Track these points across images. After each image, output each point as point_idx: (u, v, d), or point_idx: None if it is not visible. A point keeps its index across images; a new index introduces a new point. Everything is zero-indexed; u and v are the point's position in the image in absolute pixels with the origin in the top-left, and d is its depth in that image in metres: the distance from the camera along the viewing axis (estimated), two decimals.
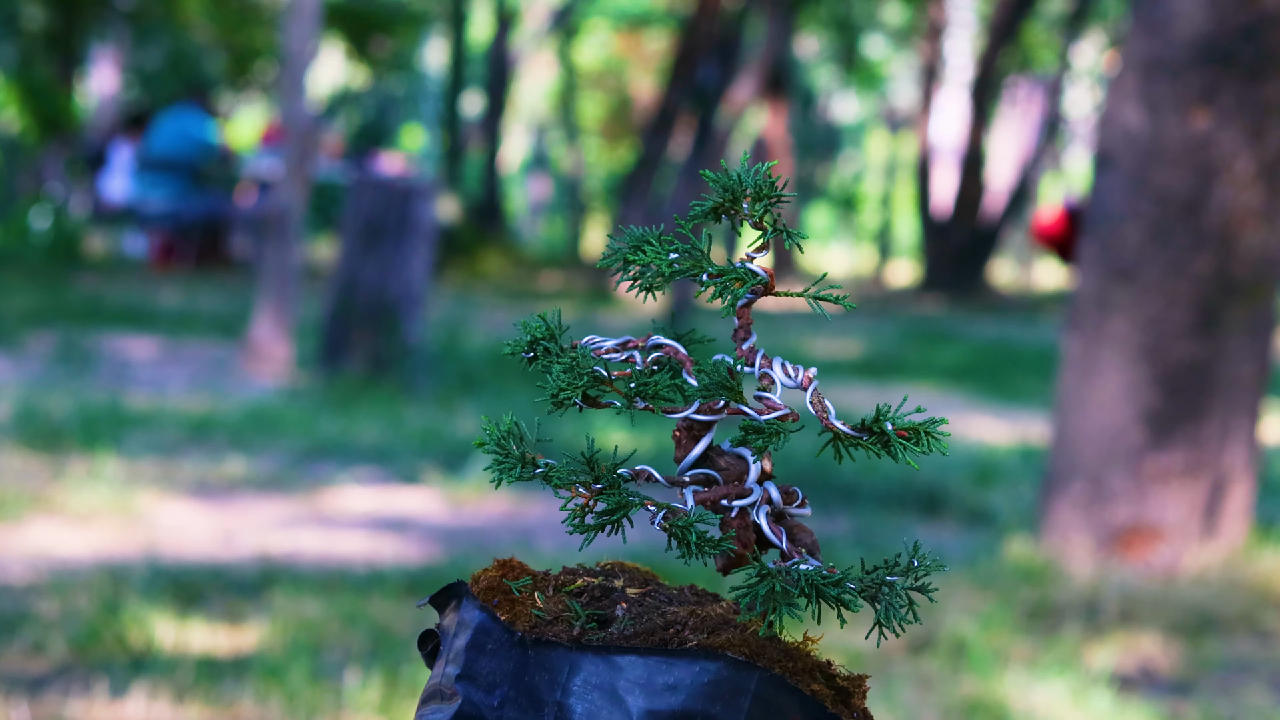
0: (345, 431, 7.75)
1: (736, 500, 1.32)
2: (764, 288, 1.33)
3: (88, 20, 21.24)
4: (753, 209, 1.32)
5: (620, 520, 1.31)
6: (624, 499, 1.31)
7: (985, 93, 22.53)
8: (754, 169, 1.33)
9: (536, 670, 1.25)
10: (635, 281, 1.35)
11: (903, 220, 33.65)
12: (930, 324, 16.73)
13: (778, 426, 1.31)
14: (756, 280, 1.32)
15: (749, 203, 1.32)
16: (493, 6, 25.24)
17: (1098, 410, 5.59)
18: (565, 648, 1.25)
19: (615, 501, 1.31)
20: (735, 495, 1.32)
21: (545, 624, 1.28)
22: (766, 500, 1.33)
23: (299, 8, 10.10)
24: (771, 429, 1.30)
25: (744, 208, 1.32)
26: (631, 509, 1.31)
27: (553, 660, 1.25)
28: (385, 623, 4.57)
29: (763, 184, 1.32)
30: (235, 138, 23.07)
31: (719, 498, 1.32)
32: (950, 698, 4.20)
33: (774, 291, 1.33)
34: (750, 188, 1.32)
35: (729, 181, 1.32)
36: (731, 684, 1.23)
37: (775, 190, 1.32)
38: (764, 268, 1.33)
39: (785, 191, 1.32)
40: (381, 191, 9.36)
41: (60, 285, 14.11)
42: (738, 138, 21.53)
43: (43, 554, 5.25)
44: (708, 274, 1.33)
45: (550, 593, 1.32)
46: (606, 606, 1.31)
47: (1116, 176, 5.61)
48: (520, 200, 34.56)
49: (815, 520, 1.38)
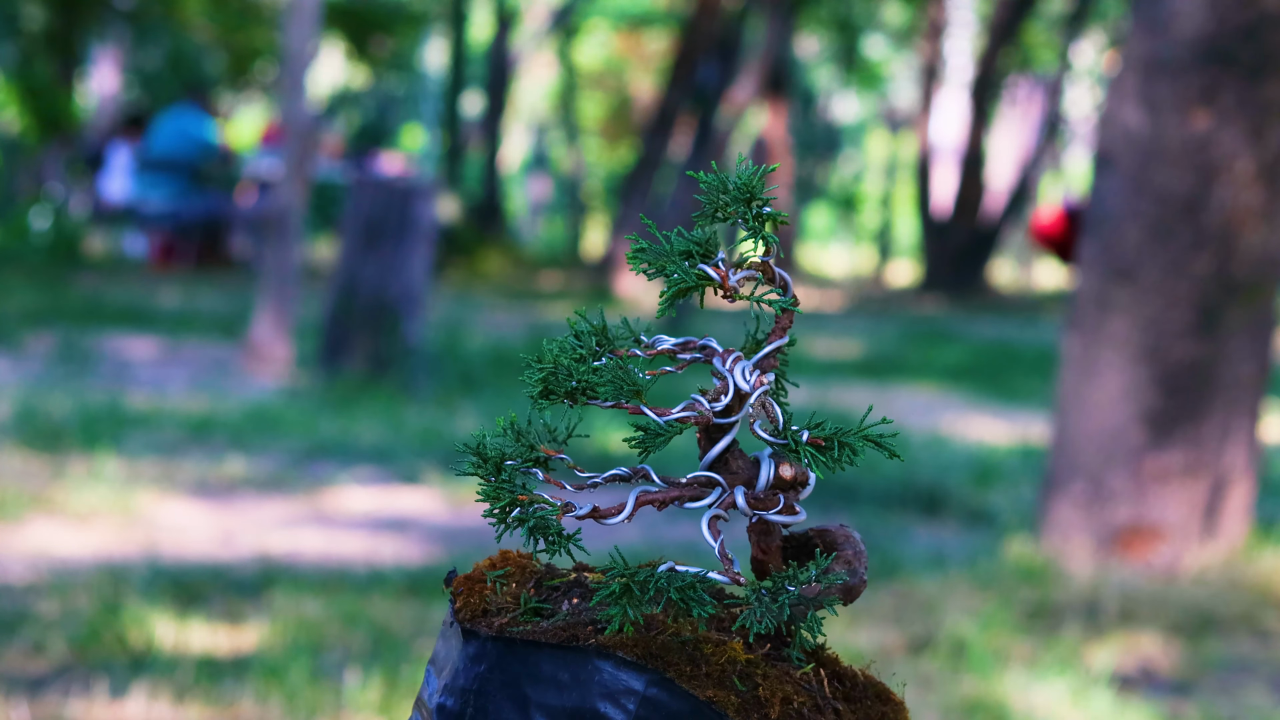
0: (345, 431, 7.75)
1: (690, 503, 1.32)
2: (719, 289, 1.34)
3: (88, 20, 21.24)
4: (739, 209, 1.33)
5: (517, 516, 1.31)
6: (507, 494, 1.31)
7: (985, 93, 22.53)
8: (740, 169, 1.33)
9: (462, 658, 1.29)
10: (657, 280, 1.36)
11: (903, 220, 33.65)
12: (930, 324, 16.73)
13: (676, 429, 1.30)
14: (708, 281, 1.33)
15: (736, 204, 1.32)
16: (493, 6, 25.24)
17: (1098, 410, 5.59)
18: (481, 638, 1.28)
19: (497, 495, 1.31)
20: (690, 498, 1.32)
21: (484, 615, 1.31)
22: (730, 505, 1.32)
23: (299, 8, 10.10)
24: (670, 431, 1.30)
25: (734, 209, 1.33)
26: (517, 505, 1.31)
27: (472, 650, 1.29)
28: (385, 623, 4.57)
29: (750, 185, 1.32)
30: (235, 138, 23.07)
31: (669, 499, 1.32)
32: (950, 698, 4.20)
33: (730, 293, 1.34)
34: (736, 188, 1.32)
35: (717, 183, 1.33)
36: (621, 683, 1.24)
37: (763, 191, 1.32)
38: (715, 269, 1.33)
39: (771, 192, 1.32)
40: (381, 191, 9.37)
41: (60, 285, 14.11)
42: (738, 138, 21.52)
43: (43, 554, 5.25)
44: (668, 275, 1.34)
45: (515, 586, 1.34)
46: (557, 601, 1.33)
47: (1116, 176, 5.61)
48: (520, 200, 34.56)
49: (816, 520, 1.37)
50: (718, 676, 1.27)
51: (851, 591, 1.32)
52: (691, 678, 1.26)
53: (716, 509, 1.32)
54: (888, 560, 5.55)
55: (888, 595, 5.09)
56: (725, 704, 1.25)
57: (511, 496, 1.32)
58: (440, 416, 8.29)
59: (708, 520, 1.32)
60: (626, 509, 1.31)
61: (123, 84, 24.90)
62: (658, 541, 5.39)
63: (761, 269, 1.34)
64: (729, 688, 1.26)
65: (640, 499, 1.32)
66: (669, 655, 1.27)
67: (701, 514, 1.34)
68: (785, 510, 1.33)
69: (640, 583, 1.28)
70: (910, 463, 7.54)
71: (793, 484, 1.33)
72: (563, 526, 1.31)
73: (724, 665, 1.27)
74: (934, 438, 8.45)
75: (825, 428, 1.33)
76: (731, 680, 1.27)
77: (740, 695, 1.26)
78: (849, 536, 1.35)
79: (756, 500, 1.32)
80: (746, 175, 1.33)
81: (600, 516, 1.32)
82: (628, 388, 1.31)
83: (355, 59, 25.80)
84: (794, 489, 1.34)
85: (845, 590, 1.32)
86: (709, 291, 1.34)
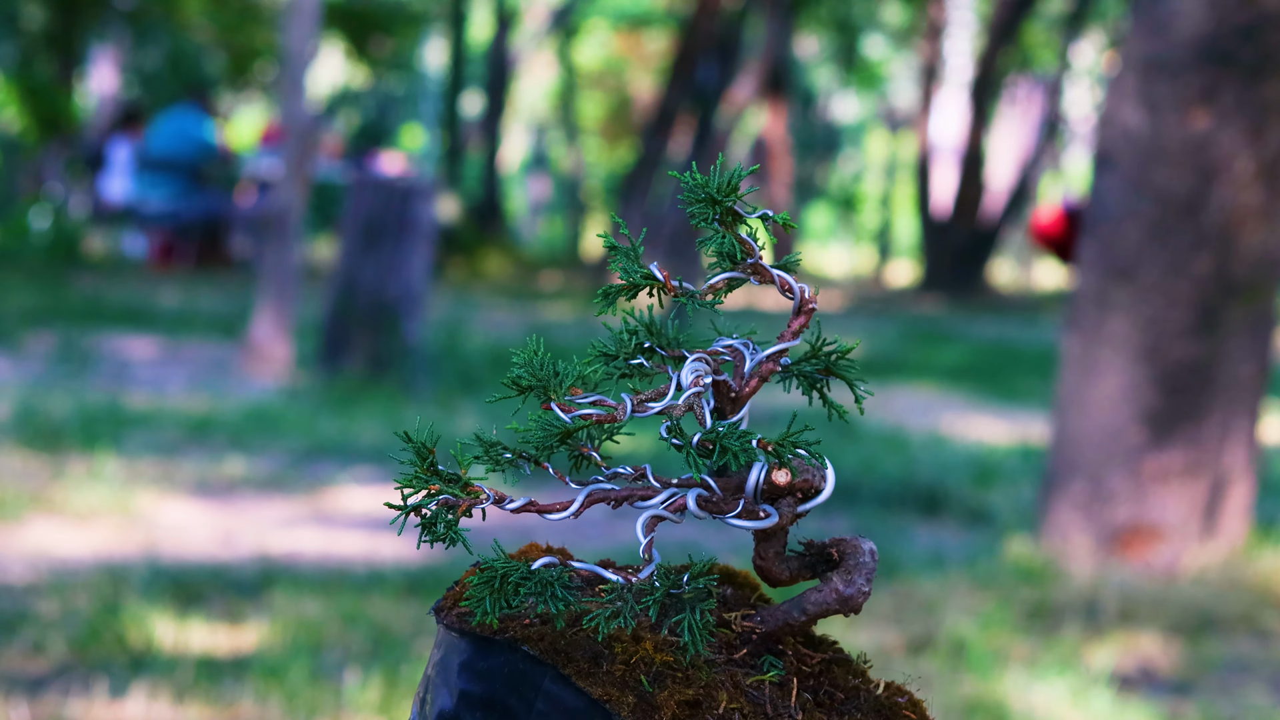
0: (345, 431, 7.75)
1: (641, 502, 1.33)
2: (662, 290, 1.35)
3: (88, 20, 21.24)
4: (703, 210, 1.34)
5: (415, 505, 1.33)
6: (423, 483, 1.34)
7: (985, 93, 22.53)
8: (717, 169, 1.34)
9: (432, 646, 1.37)
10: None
11: (903, 220, 33.65)
12: (930, 324, 16.73)
13: (580, 424, 1.31)
14: (653, 281, 1.34)
15: (701, 204, 1.34)
16: (493, 6, 25.24)
17: (1097, 410, 5.59)
18: (442, 626, 1.33)
19: (411, 484, 1.33)
20: (641, 497, 1.33)
21: (455, 606, 1.35)
22: (680, 507, 1.33)
23: (299, 8, 10.10)
24: (575, 426, 1.31)
25: (697, 209, 1.34)
26: (430, 496, 1.33)
27: (437, 638, 1.35)
28: (385, 623, 4.57)
29: (716, 186, 1.34)
30: (235, 138, 23.07)
31: (621, 498, 1.33)
32: (950, 698, 4.20)
33: (673, 293, 1.34)
34: (713, 189, 1.34)
35: (695, 184, 1.34)
36: (526, 677, 1.28)
37: (736, 191, 1.33)
38: (661, 269, 1.34)
39: (746, 192, 1.33)
40: (381, 191, 9.36)
41: (60, 285, 14.11)
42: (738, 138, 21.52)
43: (43, 554, 5.25)
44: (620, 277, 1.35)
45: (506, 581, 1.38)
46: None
47: (1116, 176, 5.61)
48: (520, 200, 34.56)
49: (815, 520, 1.37)
50: (620, 676, 1.28)
51: (847, 602, 1.32)
52: (589, 675, 1.28)
53: (661, 510, 1.33)
54: (888, 560, 5.55)
55: (888, 595, 5.09)
56: (619, 704, 1.26)
57: (426, 486, 1.34)
58: (440, 416, 8.29)
59: (643, 520, 1.32)
60: (574, 505, 1.33)
61: (122, 84, 24.90)
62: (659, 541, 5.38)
63: (753, 270, 1.35)
64: (629, 688, 1.27)
65: (591, 496, 1.33)
66: (573, 652, 1.28)
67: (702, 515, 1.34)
68: (745, 515, 1.33)
69: (505, 576, 1.30)
70: (910, 463, 7.54)
71: (789, 490, 1.33)
72: (450, 518, 1.32)
73: (632, 665, 1.28)
74: (934, 438, 8.45)
75: (720, 433, 1.32)
76: (636, 680, 1.27)
77: (640, 696, 1.27)
78: (858, 549, 1.35)
79: (708, 503, 1.32)
80: (709, 176, 1.34)
81: (542, 510, 1.33)
82: (548, 383, 1.33)
83: (355, 59, 25.80)
84: (792, 495, 1.34)
85: (841, 600, 1.32)
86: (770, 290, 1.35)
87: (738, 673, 1.30)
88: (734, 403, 1.36)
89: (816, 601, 1.32)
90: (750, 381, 1.35)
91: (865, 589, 1.33)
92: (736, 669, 1.30)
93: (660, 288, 1.34)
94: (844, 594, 1.32)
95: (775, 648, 1.33)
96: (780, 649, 1.33)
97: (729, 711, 1.27)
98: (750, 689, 1.29)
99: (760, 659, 1.31)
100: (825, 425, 1.36)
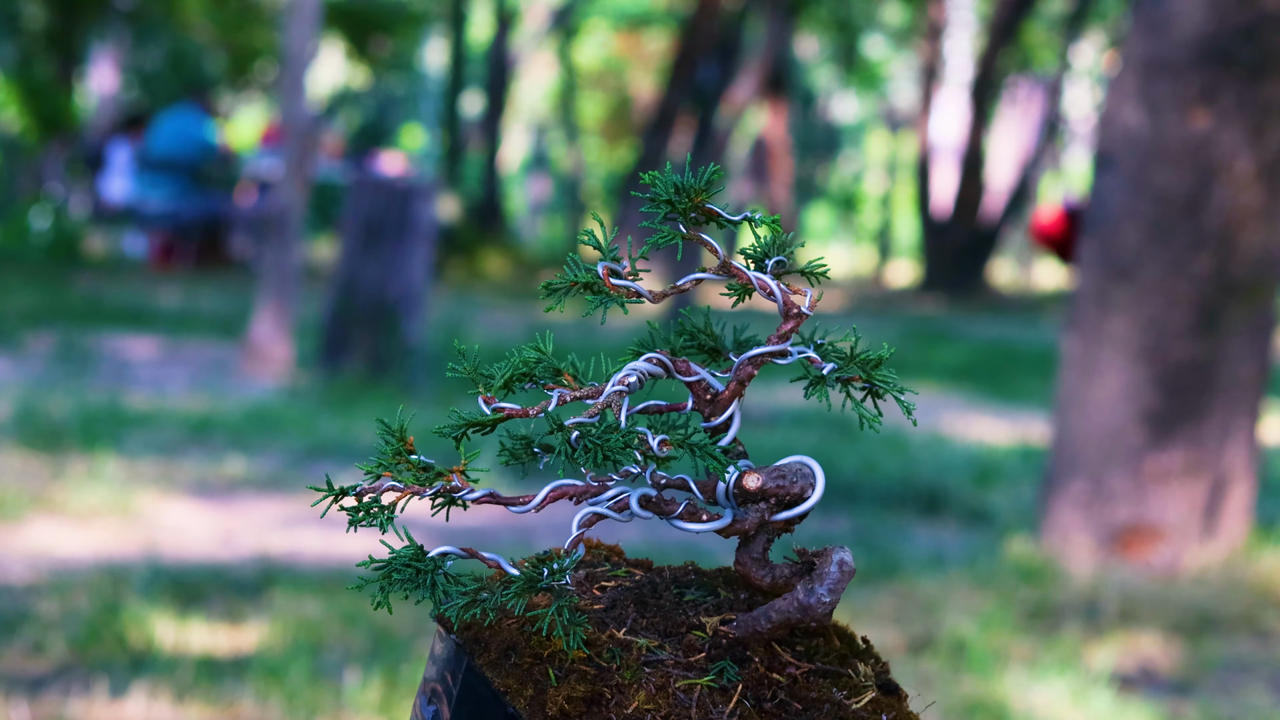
0: (345, 431, 7.75)
1: (592, 499, 1.35)
2: (602, 289, 1.37)
3: (88, 20, 21.23)
4: (659, 210, 1.35)
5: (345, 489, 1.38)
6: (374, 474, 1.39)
7: (985, 93, 22.53)
8: (687, 168, 1.36)
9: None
10: (553, 293, 1.40)
11: (903, 220, 33.65)
12: (930, 324, 16.73)
13: (499, 417, 1.36)
14: (595, 279, 1.37)
15: (658, 206, 1.35)
16: (493, 6, 25.24)
17: (1098, 410, 5.59)
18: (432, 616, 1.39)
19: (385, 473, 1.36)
20: (594, 494, 1.35)
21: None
22: (622, 508, 1.34)
23: (299, 8, 10.10)
24: (491, 419, 1.36)
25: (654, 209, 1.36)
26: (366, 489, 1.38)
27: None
28: (385, 623, 4.57)
29: (691, 185, 1.35)
30: (235, 138, 23.07)
31: (581, 493, 1.35)
32: (950, 698, 4.20)
33: (608, 293, 1.36)
34: (678, 189, 1.35)
35: (662, 183, 1.36)
36: (457, 663, 1.34)
37: (704, 190, 1.35)
38: (604, 268, 1.37)
39: (715, 192, 1.35)
40: (381, 191, 9.37)
41: (60, 285, 14.11)
42: (738, 138, 21.53)
43: (43, 554, 5.25)
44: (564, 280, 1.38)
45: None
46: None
47: (1116, 176, 5.61)
48: (520, 200, 34.57)
49: (815, 520, 1.38)
50: (526, 669, 1.30)
51: (807, 611, 1.32)
52: (496, 665, 1.31)
53: (603, 508, 1.34)
54: (888, 560, 5.55)
55: (888, 595, 5.09)
56: (517, 696, 1.29)
57: (385, 472, 1.38)
58: (440, 417, 8.28)
59: (580, 515, 1.34)
60: (536, 499, 1.35)
61: (122, 84, 24.89)
62: (656, 540, 5.39)
63: (722, 270, 1.36)
64: (531, 682, 1.29)
65: (553, 492, 1.35)
66: (491, 642, 1.32)
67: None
68: (686, 517, 1.33)
69: (403, 567, 1.34)
70: (910, 463, 7.55)
71: (761, 496, 1.33)
72: (381, 506, 1.37)
73: (545, 658, 1.30)
74: (934, 438, 8.45)
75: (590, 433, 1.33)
76: (543, 674, 1.29)
77: (540, 690, 1.29)
78: (829, 558, 1.35)
79: (650, 503, 1.34)
80: (667, 175, 1.36)
81: (504, 502, 1.35)
82: (481, 379, 1.38)
83: (355, 59, 25.80)
84: (765, 501, 1.34)
85: (801, 609, 1.32)
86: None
87: (676, 675, 1.29)
88: (714, 405, 1.36)
89: (780, 609, 1.32)
90: (730, 385, 1.36)
91: (825, 599, 1.32)
92: (680, 671, 1.30)
93: (600, 286, 1.36)
94: (804, 603, 1.32)
95: (743, 654, 1.32)
96: (748, 655, 1.32)
97: (641, 712, 1.27)
98: (679, 691, 1.28)
99: (717, 664, 1.31)
100: (826, 425, 1.36)
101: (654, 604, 1.36)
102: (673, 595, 1.38)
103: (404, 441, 1.38)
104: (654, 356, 1.35)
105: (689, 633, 1.33)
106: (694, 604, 1.37)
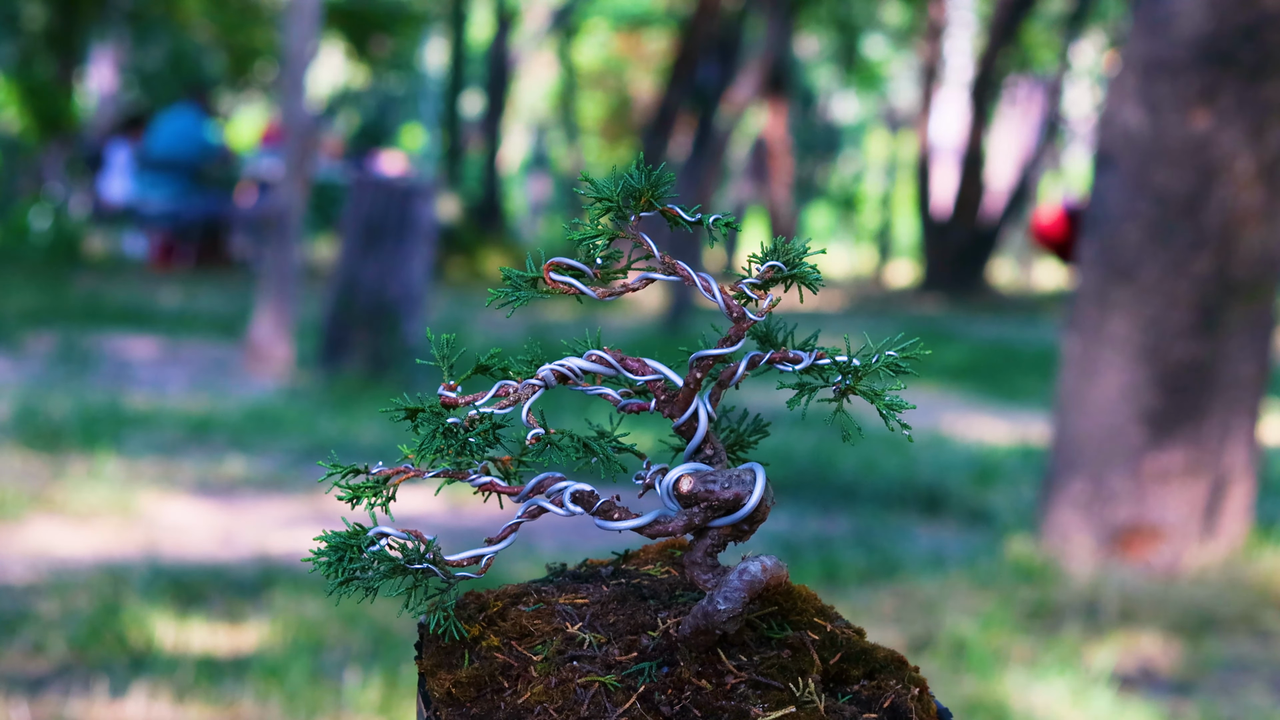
0: (345, 431, 7.75)
1: (532, 495, 1.40)
2: (542, 287, 1.43)
3: (88, 20, 21.23)
4: (597, 210, 1.38)
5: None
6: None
7: (985, 93, 22.53)
8: (635, 171, 1.38)
9: None
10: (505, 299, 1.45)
11: (903, 220, 33.65)
12: (930, 324, 16.73)
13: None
14: (536, 277, 1.42)
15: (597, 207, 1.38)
16: (493, 6, 25.23)
17: (1098, 410, 5.59)
18: None
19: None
20: (510, 493, 1.41)
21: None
22: (558, 502, 1.38)
23: (299, 8, 10.10)
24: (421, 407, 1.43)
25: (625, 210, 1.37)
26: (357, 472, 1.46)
27: None
28: (385, 623, 4.57)
29: (640, 186, 1.37)
30: (235, 138, 23.07)
31: (502, 491, 1.41)
32: (950, 698, 4.20)
33: (554, 287, 1.42)
34: (625, 190, 1.37)
35: (605, 186, 1.38)
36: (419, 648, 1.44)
37: (655, 191, 1.37)
38: (547, 264, 1.42)
39: (662, 190, 1.37)
40: (381, 191, 9.36)
41: (60, 285, 14.11)
42: (738, 138, 21.53)
43: (43, 554, 5.25)
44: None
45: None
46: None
47: (1116, 176, 5.61)
48: (520, 200, 34.56)
49: (816, 520, 1.39)
50: (448, 651, 1.37)
51: (709, 618, 1.34)
52: (429, 656, 1.38)
53: (543, 501, 1.39)
54: (888, 560, 5.55)
55: (888, 595, 5.09)
56: (436, 686, 1.35)
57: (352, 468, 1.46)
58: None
59: (524, 507, 1.39)
60: (525, 488, 1.40)
61: (122, 84, 24.89)
62: None
63: (668, 271, 1.38)
64: (446, 665, 1.36)
65: (493, 487, 1.41)
66: (438, 634, 1.38)
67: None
68: (602, 515, 1.37)
69: (342, 550, 1.43)
70: (910, 463, 7.54)
71: (693, 500, 1.35)
72: (382, 484, 1.46)
73: (468, 645, 1.36)
74: (934, 438, 8.45)
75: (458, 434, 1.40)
76: (459, 659, 1.35)
77: (450, 673, 1.35)
78: (736, 568, 1.35)
79: (579, 499, 1.38)
80: (607, 179, 1.38)
81: (502, 491, 1.41)
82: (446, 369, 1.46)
83: (355, 59, 25.81)
84: (696, 505, 1.35)
85: (705, 617, 1.34)
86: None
87: (587, 671, 1.32)
88: (672, 404, 1.39)
89: (695, 614, 1.34)
90: (685, 385, 1.38)
91: (721, 607, 1.33)
92: (597, 669, 1.32)
93: (541, 285, 1.39)
94: (706, 610, 1.34)
95: (673, 657, 1.33)
96: (676, 659, 1.33)
97: (531, 703, 1.30)
98: (579, 687, 1.31)
99: (640, 664, 1.32)
100: (826, 425, 1.37)
101: (634, 604, 1.38)
102: (664, 598, 1.39)
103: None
104: (594, 354, 1.39)
105: (642, 634, 1.34)
106: (677, 608, 1.38)
